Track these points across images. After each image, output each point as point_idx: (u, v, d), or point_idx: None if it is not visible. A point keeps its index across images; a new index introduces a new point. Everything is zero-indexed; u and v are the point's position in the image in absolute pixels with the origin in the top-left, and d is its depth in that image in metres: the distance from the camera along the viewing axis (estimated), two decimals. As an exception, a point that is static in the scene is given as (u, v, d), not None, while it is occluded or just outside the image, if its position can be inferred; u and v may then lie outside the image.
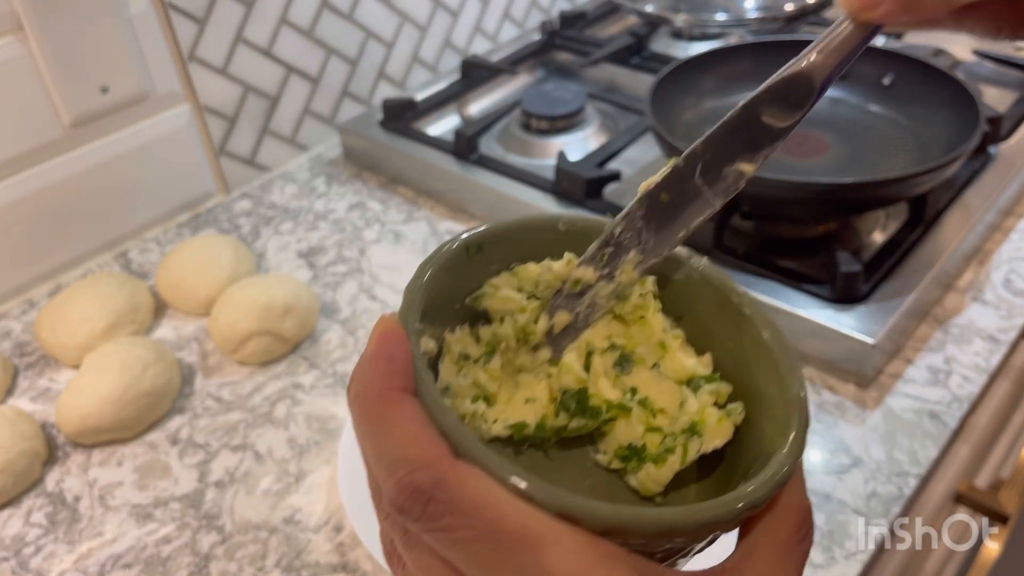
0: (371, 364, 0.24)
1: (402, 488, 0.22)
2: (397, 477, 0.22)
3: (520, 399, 0.31)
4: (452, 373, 0.31)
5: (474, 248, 0.30)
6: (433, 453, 0.23)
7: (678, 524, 0.23)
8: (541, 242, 0.31)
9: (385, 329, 0.25)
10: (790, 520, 0.25)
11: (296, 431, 0.62)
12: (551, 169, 0.78)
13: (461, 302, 0.31)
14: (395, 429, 0.23)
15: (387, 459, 0.23)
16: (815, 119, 0.78)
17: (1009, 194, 0.75)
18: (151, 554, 0.55)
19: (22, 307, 0.77)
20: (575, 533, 0.22)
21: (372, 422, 0.23)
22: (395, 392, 0.24)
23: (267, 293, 0.67)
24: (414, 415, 0.23)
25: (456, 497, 0.22)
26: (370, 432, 0.23)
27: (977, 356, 0.63)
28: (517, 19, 1.14)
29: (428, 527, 0.22)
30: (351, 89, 0.97)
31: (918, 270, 0.64)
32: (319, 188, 0.90)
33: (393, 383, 0.24)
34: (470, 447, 0.23)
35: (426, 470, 0.22)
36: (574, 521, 0.22)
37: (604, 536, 0.22)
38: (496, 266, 0.31)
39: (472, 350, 0.31)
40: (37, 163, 0.75)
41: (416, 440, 0.23)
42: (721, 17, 0.99)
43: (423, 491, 0.22)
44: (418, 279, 0.28)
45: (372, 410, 0.23)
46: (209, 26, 0.81)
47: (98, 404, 0.60)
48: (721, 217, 0.67)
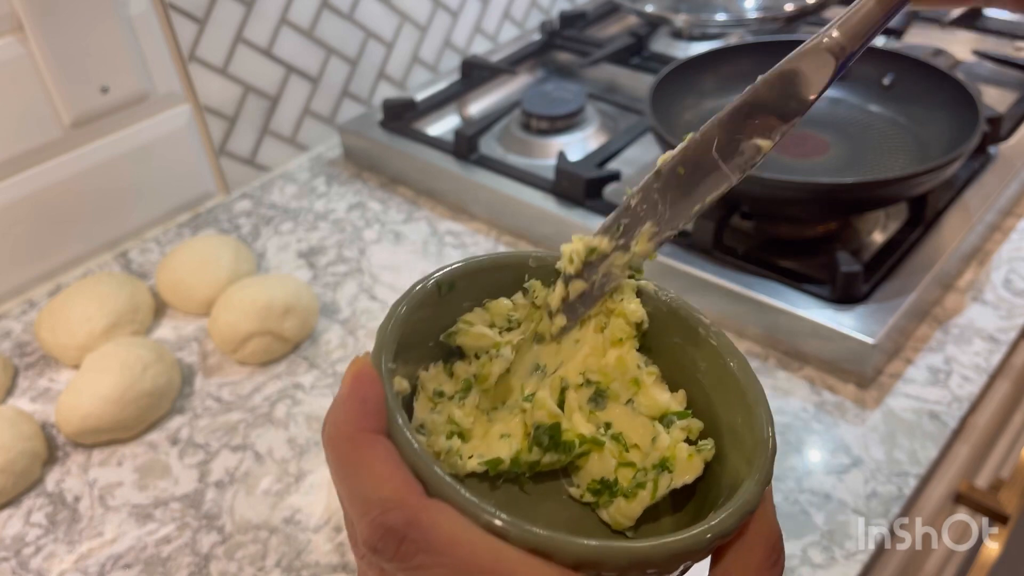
0: (344, 406, 0.24)
1: (375, 528, 0.22)
2: (371, 517, 0.23)
3: (495, 434, 0.31)
4: (426, 410, 0.31)
5: (446, 286, 0.30)
6: (405, 493, 0.23)
7: (649, 556, 0.23)
8: (513, 278, 0.32)
9: (358, 371, 0.25)
10: (760, 547, 0.25)
11: (296, 431, 0.62)
12: (551, 169, 0.78)
13: (435, 340, 0.31)
14: (368, 470, 0.23)
15: (360, 499, 0.23)
16: (815, 119, 0.78)
17: (1009, 194, 0.75)
18: (151, 554, 0.55)
19: (22, 307, 0.77)
20: (547, 567, 0.22)
21: (345, 463, 0.24)
22: (367, 434, 0.24)
23: (267, 293, 0.67)
24: (386, 455, 0.24)
25: (428, 536, 0.22)
26: (344, 473, 0.24)
27: (977, 356, 0.63)
28: (517, 19, 1.14)
29: (402, 566, 0.23)
30: (351, 89, 0.97)
31: (918, 270, 0.64)
32: (319, 188, 0.90)
33: (365, 424, 0.24)
34: (442, 486, 0.23)
35: (399, 510, 0.22)
36: (546, 556, 0.22)
37: (577, 570, 0.23)
38: (469, 303, 0.31)
39: (447, 387, 0.31)
40: (37, 163, 0.75)
41: (388, 480, 0.23)
42: (721, 17, 0.99)
43: (396, 531, 0.22)
44: (390, 319, 0.28)
45: (345, 451, 0.24)
46: (209, 26, 0.82)
47: (98, 404, 0.60)
48: (721, 217, 0.67)
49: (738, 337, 0.66)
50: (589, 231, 0.31)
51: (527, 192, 0.78)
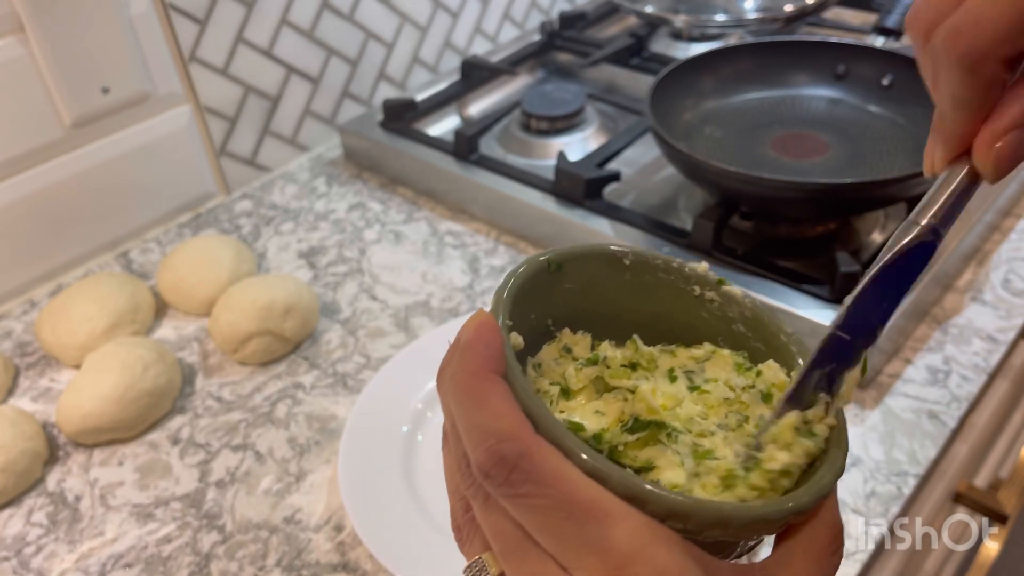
0: (470, 348, 0.27)
1: (490, 455, 0.25)
2: (487, 445, 0.25)
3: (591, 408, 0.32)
4: (551, 355, 0.33)
5: (555, 265, 0.33)
6: (520, 428, 0.25)
7: (732, 516, 0.25)
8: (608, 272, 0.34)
9: (482, 321, 0.27)
10: (826, 532, 0.27)
11: (297, 431, 0.62)
12: (551, 169, 0.78)
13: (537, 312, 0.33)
14: (488, 404, 0.26)
15: (479, 429, 0.25)
16: (815, 120, 0.78)
17: (1008, 195, 0.75)
18: (152, 554, 0.55)
19: (23, 307, 0.77)
20: (639, 514, 0.24)
21: (469, 397, 0.26)
22: (490, 374, 0.26)
23: (268, 293, 0.67)
24: (505, 394, 0.26)
25: (537, 468, 0.24)
26: (466, 405, 0.26)
27: (976, 356, 0.63)
28: (517, 20, 1.14)
29: (509, 492, 0.25)
30: (351, 90, 0.97)
31: (917, 270, 0.64)
32: (319, 188, 0.90)
33: (489, 365, 0.26)
34: (552, 428, 0.25)
35: (513, 442, 0.25)
36: (640, 503, 0.24)
37: (664, 521, 0.24)
38: (570, 285, 0.33)
39: (578, 349, 0.34)
40: (38, 163, 0.75)
41: (506, 415, 0.25)
42: (721, 18, 0.99)
43: (509, 460, 0.24)
44: (506, 283, 0.31)
45: (469, 387, 0.26)
46: (210, 27, 0.82)
47: (99, 404, 0.60)
48: (721, 217, 0.67)
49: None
50: (589, 231, 0.32)
51: (527, 192, 0.78)
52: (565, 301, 0.34)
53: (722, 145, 0.77)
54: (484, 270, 0.76)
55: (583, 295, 0.34)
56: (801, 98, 0.81)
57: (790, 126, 0.78)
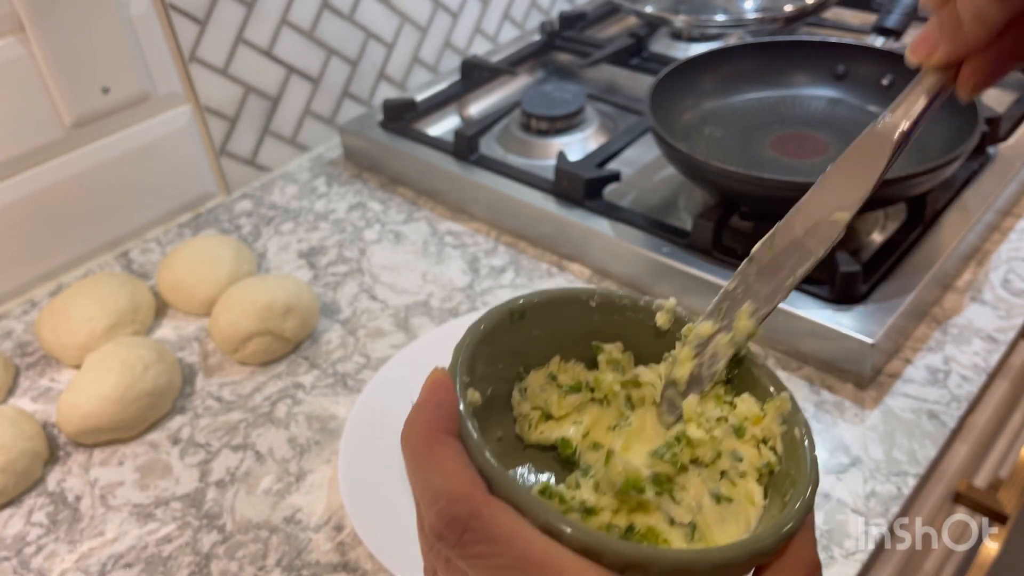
0: (422, 409, 0.27)
1: (442, 517, 0.25)
2: (439, 507, 0.25)
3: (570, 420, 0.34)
4: (538, 381, 0.34)
5: (517, 314, 0.33)
6: (471, 488, 0.25)
7: (693, 563, 0.25)
8: (575, 315, 0.35)
9: (435, 380, 0.28)
10: (797, 572, 0.26)
11: (297, 431, 0.62)
12: (551, 169, 0.78)
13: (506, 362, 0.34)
14: (439, 465, 0.26)
15: (431, 491, 0.26)
16: (814, 120, 0.78)
17: (1008, 194, 0.75)
18: (152, 553, 0.55)
19: (23, 307, 0.77)
20: (595, 568, 0.24)
21: (419, 458, 0.26)
22: (440, 434, 0.27)
23: (268, 293, 0.67)
24: (456, 454, 0.26)
25: (488, 527, 0.25)
26: (417, 467, 0.27)
27: (976, 356, 0.63)
28: (517, 20, 1.14)
29: (463, 553, 0.25)
30: (351, 90, 0.97)
31: (917, 270, 0.64)
32: (320, 188, 0.90)
33: (439, 425, 0.27)
34: (506, 485, 0.26)
35: (464, 503, 0.25)
36: (596, 556, 0.24)
37: (623, 573, 0.24)
38: (537, 331, 0.34)
39: (563, 377, 0.35)
40: (38, 163, 0.75)
41: (456, 475, 0.26)
42: (720, 18, 0.99)
43: (460, 520, 0.25)
44: (466, 338, 0.31)
45: (419, 448, 0.27)
46: (210, 27, 0.82)
47: (99, 404, 0.60)
48: (720, 217, 0.67)
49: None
50: (589, 231, 0.32)
51: (527, 192, 0.78)
52: (534, 347, 0.34)
53: (722, 145, 0.77)
54: (484, 270, 0.76)
55: (552, 340, 0.34)
56: (801, 98, 0.81)
57: (790, 126, 0.78)
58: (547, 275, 0.75)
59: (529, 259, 0.77)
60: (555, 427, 0.33)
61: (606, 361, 0.35)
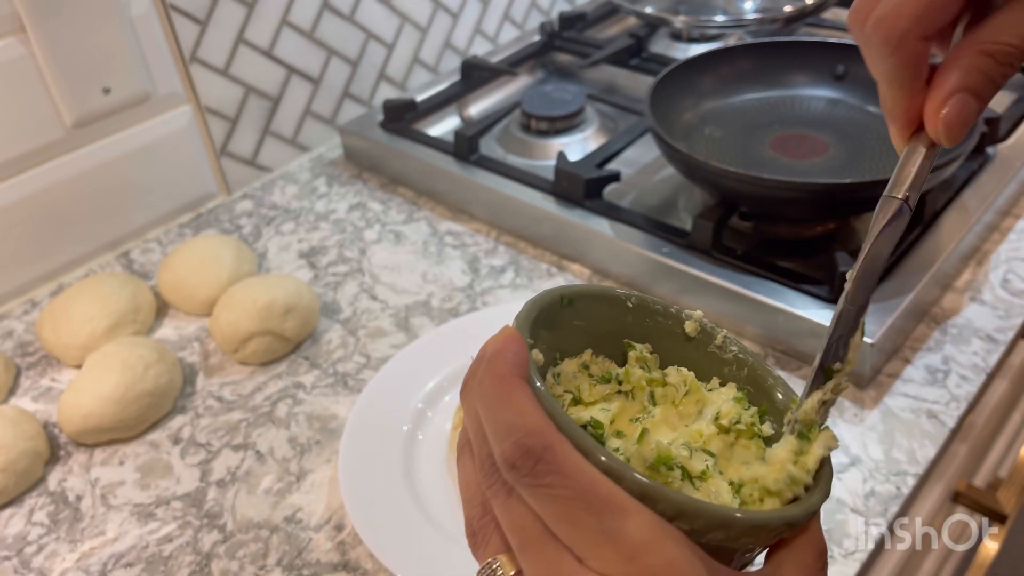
0: (499, 355, 0.29)
1: (517, 447, 0.27)
2: (514, 439, 0.27)
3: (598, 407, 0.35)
4: (571, 368, 0.36)
5: (567, 300, 0.35)
6: (545, 425, 0.27)
7: (735, 520, 0.27)
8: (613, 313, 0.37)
9: (509, 334, 0.30)
10: (813, 549, 0.29)
11: (297, 430, 0.62)
12: (551, 170, 0.78)
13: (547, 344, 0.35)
14: (515, 403, 0.28)
15: (507, 425, 0.27)
16: (814, 120, 0.79)
17: (1007, 194, 0.75)
18: (153, 553, 0.55)
19: (24, 307, 0.77)
20: (651, 511, 0.26)
21: (497, 397, 0.28)
22: (516, 378, 0.29)
23: (268, 293, 0.67)
24: (531, 396, 0.28)
25: (560, 461, 0.26)
26: (494, 405, 0.28)
27: (975, 356, 0.63)
28: (517, 20, 1.14)
29: (533, 483, 0.27)
30: (352, 90, 0.98)
31: (916, 270, 0.64)
32: (320, 189, 0.90)
33: (515, 371, 0.29)
34: (572, 430, 0.27)
35: (539, 436, 0.27)
36: (652, 502, 0.26)
37: (672, 521, 0.26)
38: (579, 321, 0.36)
39: (595, 368, 0.36)
40: (39, 164, 0.75)
41: (532, 413, 0.27)
42: (720, 18, 0.99)
43: (534, 452, 0.26)
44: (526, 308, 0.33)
45: (497, 388, 0.28)
46: (210, 27, 0.82)
47: (100, 404, 0.60)
48: (720, 218, 0.68)
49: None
50: (589, 231, 0.32)
51: (527, 192, 0.78)
52: (572, 336, 0.36)
53: (722, 145, 0.77)
54: (484, 270, 0.76)
55: (588, 332, 0.36)
56: (800, 98, 0.81)
57: (789, 126, 0.78)
58: (547, 275, 0.75)
59: (529, 259, 0.77)
60: (584, 411, 0.35)
61: (635, 359, 0.36)
